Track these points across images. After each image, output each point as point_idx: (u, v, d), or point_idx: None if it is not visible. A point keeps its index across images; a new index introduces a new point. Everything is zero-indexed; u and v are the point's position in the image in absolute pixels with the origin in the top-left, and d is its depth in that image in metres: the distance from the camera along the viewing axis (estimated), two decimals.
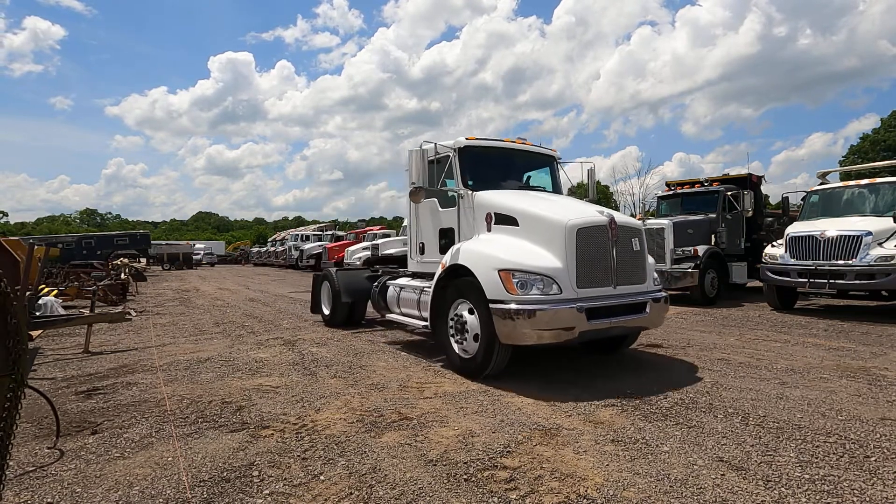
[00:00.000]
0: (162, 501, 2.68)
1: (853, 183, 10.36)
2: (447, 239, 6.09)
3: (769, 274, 9.72)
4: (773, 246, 10.17)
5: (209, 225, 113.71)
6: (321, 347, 6.86)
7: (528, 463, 3.07)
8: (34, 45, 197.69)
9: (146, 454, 3.31)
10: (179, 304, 13.23)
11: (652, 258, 5.68)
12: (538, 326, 4.45)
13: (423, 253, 6.62)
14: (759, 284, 10.93)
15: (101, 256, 28.93)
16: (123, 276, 16.10)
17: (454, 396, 4.48)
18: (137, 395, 4.72)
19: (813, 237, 9.05)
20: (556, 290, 4.60)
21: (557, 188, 6.91)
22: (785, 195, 12.28)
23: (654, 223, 11.36)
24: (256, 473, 2.99)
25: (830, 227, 9.01)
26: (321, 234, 34.73)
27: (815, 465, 2.99)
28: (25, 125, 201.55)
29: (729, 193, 12.30)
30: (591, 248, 4.83)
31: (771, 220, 13.49)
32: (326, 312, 8.85)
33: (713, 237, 11.72)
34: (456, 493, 2.72)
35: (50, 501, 2.71)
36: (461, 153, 6.09)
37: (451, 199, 6.14)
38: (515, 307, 4.49)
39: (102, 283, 13.94)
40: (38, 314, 7.66)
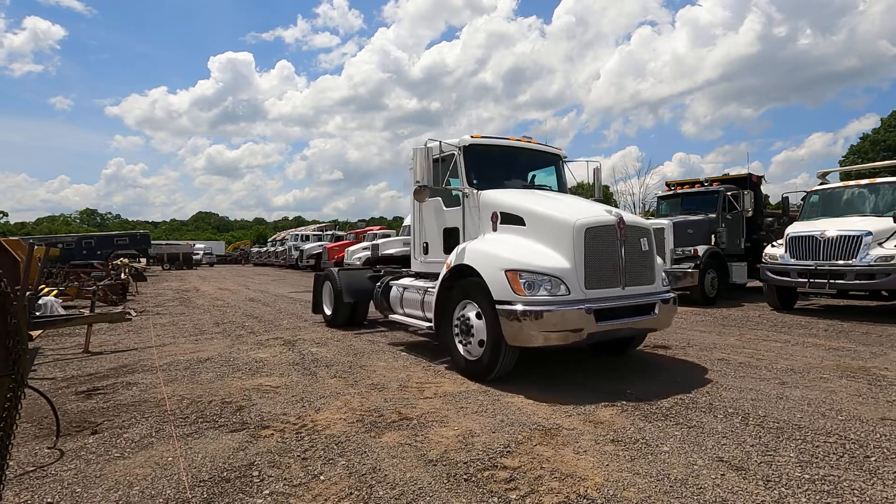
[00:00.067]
0: (162, 501, 2.68)
1: (853, 183, 10.36)
2: (452, 239, 6.02)
3: (769, 274, 9.72)
4: (773, 246, 10.17)
5: (209, 225, 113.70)
6: (321, 347, 6.86)
7: (528, 463, 3.07)
8: (34, 45, 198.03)
9: (146, 454, 3.31)
10: (179, 304, 13.23)
11: (660, 258, 5.58)
12: (545, 328, 4.38)
13: (426, 253, 6.56)
14: (759, 284, 10.93)
15: (101, 256, 28.93)
16: (123, 276, 16.10)
17: (454, 396, 4.48)
18: (137, 395, 4.72)
19: (813, 237, 9.05)
20: (563, 290, 4.53)
21: (563, 187, 6.82)
22: (785, 195, 12.30)
23: (654, 223, 11.35)
24: (256, 473, 2.99)
25: (830, 227, 9.01)
26: (321, 234, 34.72)
27: (815, 465, 2.99)
28: (25, 125, 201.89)
29: (729, 193, 12.30)
30: (599, 248, 4.75)
31: (771, 220, 13.50)
32: (328, 313, 8.79)
33: (713, 237, 11.72)
34: (456, 493, 2.72)
35: (50, 501, 2.71)
36: (466, 151, 6.02)
37: (455, 198, 6.08)
38: (522, 308, 4.42)
39: (102, 283, 13.94)
40: (38, 314, 7.66)
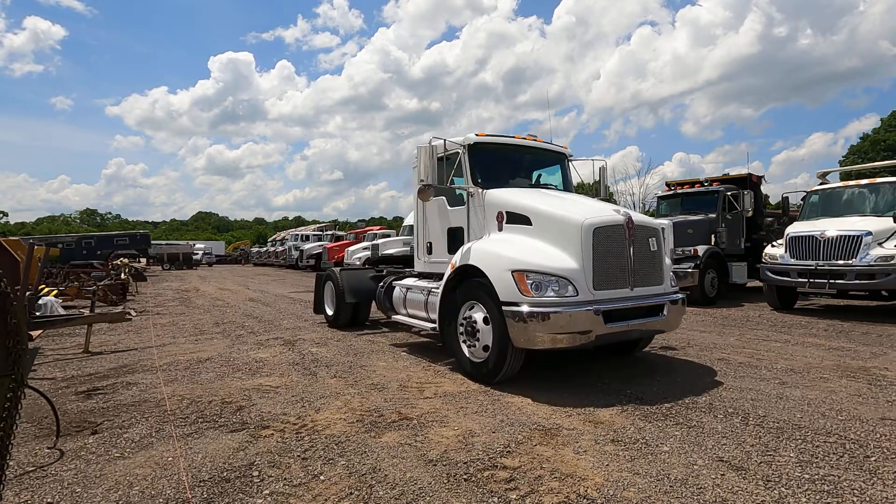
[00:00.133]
0: (162, 501, 2.68)
1: (853, 183, 10.36)
2: (456, 238, 5.94)
3: (769, 274, 9.72)
4: (773, 246, 10.17)
5: (209, 225, 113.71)
6: (321, 347, 6.86)
7: (528, 463, 3.07)
8: (34, 45, 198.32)
9: (146, 454, 3.30)
10: (179, 304, 13.23)
11: (669, 259, 5.51)
12: (553, 330, 4.30)
13: (430, 253, 6.49)
14: (759, 284, 10.93)
15: (101, 256, 28.91)
16: (123, 276, 16.10)
17: (454, 396, 4.47)
18: (137, 395, 4.72)
19: (813, 237, 9.05)
20: (571, 291, 4.44)
21: (568, 186, 6.74)
22: (785, 195, 12.30)
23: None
24: (256, 473, 2.99)
25: (830, 227, 9.01)
26: (321, 234, 34.71)
27: (815, 465, 2.99)
28: (26, 125, 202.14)
29: (729, 193, 12.29)
30: (607, 248, 4.66)
31: (771, 220, 13.50)
32: (330, 313, 8.72)
33: (713, 237, 11.71)
34: (456, 493, 2.72)
35: (50, 501, 2.71)
36: (471, 150, 5.93)
37: (459, 197, 6.02)
38: (529, 309, 4.33)
39: (102, 283, 13.94)
40: (38, 314, 7.66)
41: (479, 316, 4.93)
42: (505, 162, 6.36)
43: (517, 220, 5.24)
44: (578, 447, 3.30)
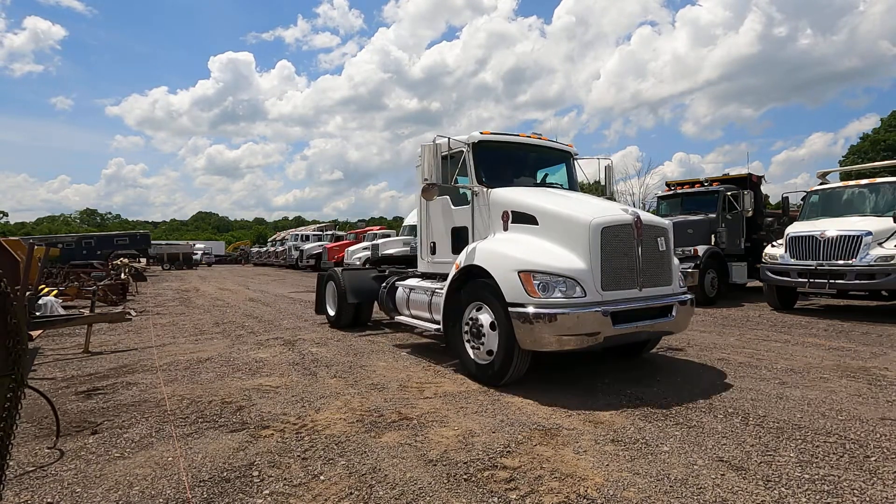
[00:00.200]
0: (162, 501, 2.68)
1: (853, 183, 10.36)
2: (460, 238, 5.89)
3: (769, 274, 9.72)
4: (773, 246, 10.17)
5: (209, 225, 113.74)
6: (321, 347, 6.86)
7: (528, 463, 3.07)
8: (34, 45, 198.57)
9: (146, 454, 3.30)
10: (179, 304, 13.23)
11: (677, 259, 5.42)
12: (560, 331, 4.23)
13: (434, 253, 6.41)
14: (759, 284, 10.93)
15: (101, 256, 28.91)
16: (123, 276, 16.10)
17: (454, 396, 4.47)
18: (137, 395, 4.72)
19: (813, 237, 9.05)
20: (579, 292, 4.36)
21: (574, 185, 6.66)
22: (785, 195, 12.30)
23: None
24: (256, 473, 2.99)
25: (830, 227, 9.01)
26: (321, 234, 34.72)
27: (815, 465, 2.99)
28: (26, 125, 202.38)
29: (729, 193, 12.29)
30: (616, 248, 4.59)
31: (771, 220, 13.50)
32: (331, 314, 8.66)
33: (713, 237, 11.71)
34: (456, 493, 2.72)
35: (50, 501, 2.71)
36: (475, 148, 5.85)
37: (463, 196, 5.96)
38: (536, 311, 4.26)
39: (102, 283, 13.94)
40: (38, 314, 7.66)
41: (484, 317, 4.86)
42: (510, 160, 6.28)
43: (523, 219, 5.18)
44: (578, 447, 3.30)
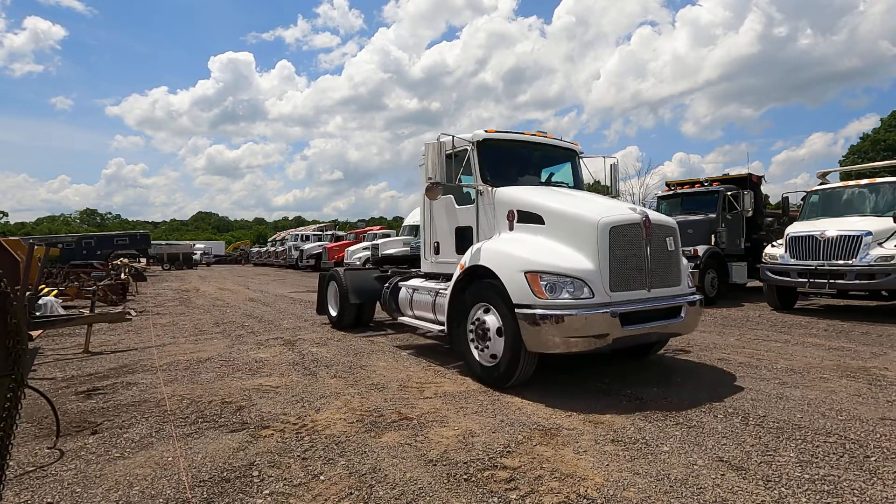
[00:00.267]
0: (162, 501, 2.68)
1: (853, 183, 10.36)
2: (464, 238, 5.81)
3: (769, 274, 9.72)
4: (773, 246, 10.17)
5: (209, 225, 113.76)
6: (321, 347, 6.86)
7: (528, 463, 3.07)
8: (34, 45, 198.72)
9: (146, 454, 3.30)
10: (179, 304, 13.23)
11: (685, 259, 5.32)
12: (568, 333, 4.16)
13: (437, 253, 6.33)
14: (759, 284, 10.93)
15: (101, 256, 28.91)
16: (123, 276, 16.10)
17: (454, 396, 4.47)
18: (137, 395, 4.72)
19: (813, 237, 9.05)
20: (587, 293, 4.27)
21: (579, 184, 6.57)
22: (785, 195, 12.30)
23: None
24: (256, 473, 2.99)
25: (830, 227, 9.01)
26: (321, 234, 34.73)
27: (815, 465, 2.99)
28: (26, 125, 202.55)
29: (729, 193, 12.30)
30: (624, 248, 4.51)
31: (771, 220, 13.50)
32: (333, 314, 8.59)
33: (713, 237, 11.71)
34: (456, 493, 2.72)
35: (50, 501, 2.71)
36: (480, 146, 5.77)
37: (467, 195, 5.88)
38: (543, 312, 4.19)
39: (102, 283, 13.94)
40: (38, 314, 7.66)
41: (490, 318, 4.79)
42: (514, 159, 6.21)
43: (529, 219, 5.11)
44: (578, 447, 3.30)
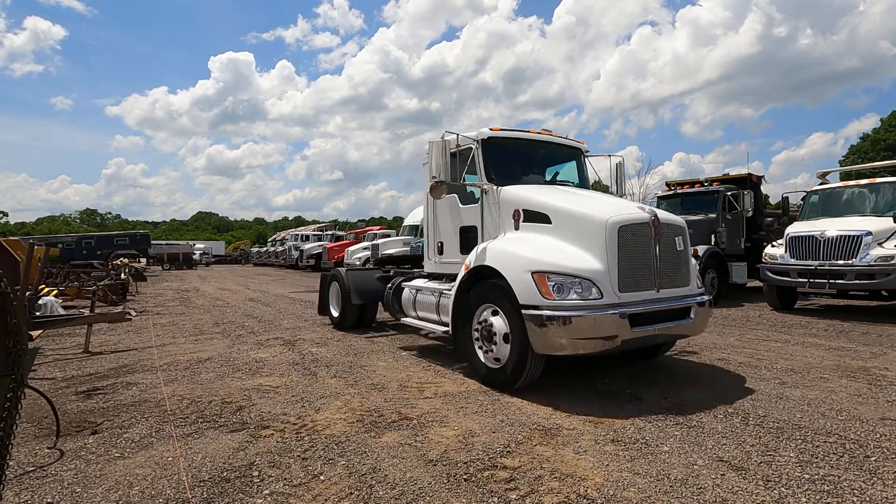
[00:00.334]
0: (162, 501, 2.68)
1: (853, 183, 10.36)
2: (469, 238, 5.75)
3: (769, 274, 9.72)
4: (773, 246, 10.17)
5: (209, 225, 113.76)
6: (321, 347, 6.86)
7: (528, 463, 3.07)
8: (34, 45, 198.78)
9: (146, 454, 3.30)
10: (179, 304, 13.23)
11: (694, 259, 5.25)
12: (576, 335, 4.09)
13: (441, 253, 6.26)
14: (759, 284, 10.92)
15: (101, 256, 28.91)
16: (123, 276, 16.10)
17: (454, 396, 4.47)
18: (137, 395, 4.72)
19: (813, 237, 9.05)
20: (595, 294, 4.19)
21: (585, 183, 6.49)
22: (785, 195, 12.31)
23: None
24: (256, 473, 2.99)
25: (830, 227, 9.01)
26: (321, 234, 34.73)
27: (815, 465, 2.99)
28: (26, 125, 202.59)
29: (729, 193, 12.30)
30: (633, 247, 4.43)
31: (771, 220, 13.50)
32: (335, 315, 8.52)
33: (713, 237, 11.72)
34: (456, 493, 2.72)
35: (50, 501, 2.71)
36: (484, 145, 5.70)
37: (471, 194, 5.83)
38: (550, 313, 4.11)
39: (102, 283, 13.93)
40: (38, 314, 7.66)
41: (496, 321, 4.70)
42: (519, 157, 6.15)
43: (535, 218, 5.04)
44: (578, 447, 3.30)
